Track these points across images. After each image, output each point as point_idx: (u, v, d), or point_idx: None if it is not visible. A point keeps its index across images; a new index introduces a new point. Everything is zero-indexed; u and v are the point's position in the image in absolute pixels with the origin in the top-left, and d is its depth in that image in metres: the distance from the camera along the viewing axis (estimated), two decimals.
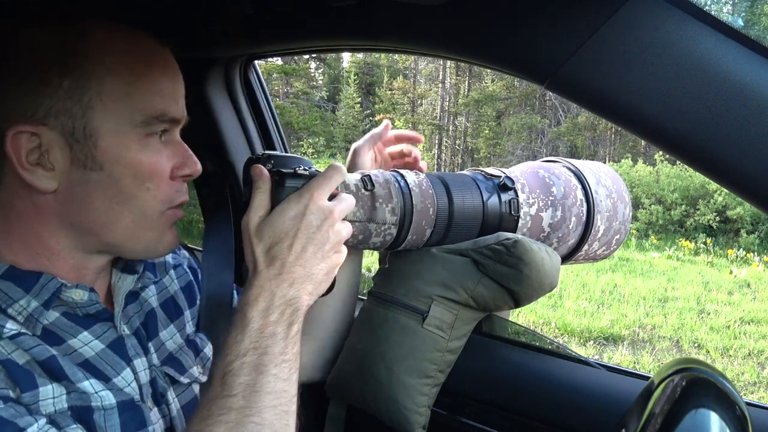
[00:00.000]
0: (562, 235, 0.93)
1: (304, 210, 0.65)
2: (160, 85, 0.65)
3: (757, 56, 0.54)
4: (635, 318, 4.78)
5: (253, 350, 0.59)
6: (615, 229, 0.96)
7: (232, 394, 0.57)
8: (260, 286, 0.62)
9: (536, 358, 1.09)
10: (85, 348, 0.64)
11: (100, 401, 0.61)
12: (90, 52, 0.61)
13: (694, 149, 0.58)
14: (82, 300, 0.65)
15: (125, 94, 0.62)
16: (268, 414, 0.57)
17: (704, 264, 7.06)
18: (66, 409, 0.58)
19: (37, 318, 0.61)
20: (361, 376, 0.97)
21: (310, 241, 0.64)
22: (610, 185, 0.96)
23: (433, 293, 0.93)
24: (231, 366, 0.58)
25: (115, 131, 0.62)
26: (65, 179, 0.61)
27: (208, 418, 0.56)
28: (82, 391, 0.60)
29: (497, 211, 0.89)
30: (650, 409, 0.53)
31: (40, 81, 0.59)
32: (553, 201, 0.91)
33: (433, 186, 0.87)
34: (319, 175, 0.68)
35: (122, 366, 0.66)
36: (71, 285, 0.64)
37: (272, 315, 0.61)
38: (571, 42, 0.59)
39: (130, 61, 0.63)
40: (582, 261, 1.02)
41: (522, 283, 0.90)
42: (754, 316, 4.86)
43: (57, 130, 0.60)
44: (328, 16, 0.81)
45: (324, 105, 21.35)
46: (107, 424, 0.61)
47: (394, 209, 0.83)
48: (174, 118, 0.67)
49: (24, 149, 0.59)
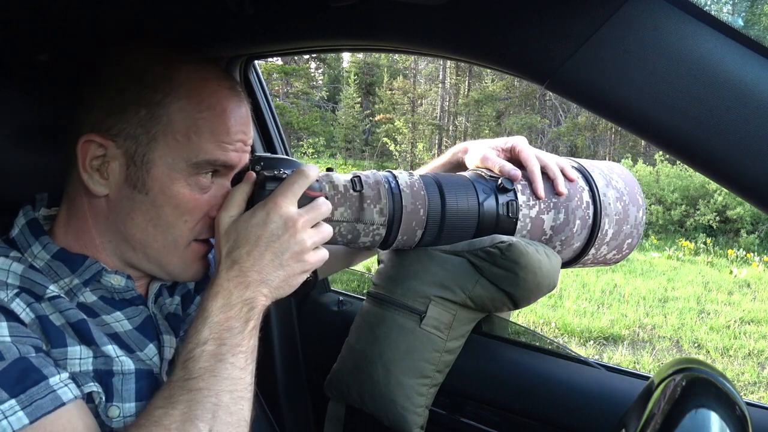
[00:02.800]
0: (565, 238, 0.91)
1: (266, 218, 0.67)
2: (223, 134, 0.70)
3: (757, 56, 0.54)
4: (635, 318, 4.78)
5: (212, 340, 0.63)
6: (626, 232, 0.94)
7: (192, 377, 0.61)
8: (219, 284, 0.65)
9: (536, 358, 1.09)
10: (116, 324, 0.71)
11: (120, 366, 0.67)
12: (172, 92, 0.68)
13: (694, 149, 0.58)
14: (120, 285, 0.73)
15: (189, 136, 0.68)
16: (225, 397, 0.61)
17: (704, 264, 7.06)
18: (90, 371, 0.65)
19: (76, 293, 0.69)
20: (359, 376, 0.97)
21: (268, 249, 0.67)
22: (621, 187, 0.93)
23: (430, 293, 0.93)
24: (192, 353, 0.62)
25: (170, 165, 0.68)
26: (116, 191, 0.69)
27: (170, 397, 0.60)
28: (106, 355, 0.67)
29: (494, 212, 0.88)
30: (650, 409, 0.53)
31: (122, 104, 0.67)
32: (556, 203, 0.89)
33: (425, 187, 0.86)
34: (284, 180, 0.70)
35: (146, 343, 0.73)
36: (111, 270, 0.72)
37: (230, 311, 0.64)
38: (571, 42, 0.59)
39: (204, 108, 0.69)
40: (591, 265, 0.99)
41: (518, 286, 0.89)
42: (754, 316, 4.86)
43: (122, 149, 0.68)
44: (328, 16, 0.81)
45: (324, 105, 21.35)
46: (123, 387, 0.67)
47: (382, 210, 0.83)
48: (227, 164, 0.72)
49: (90, 155, 0.68)
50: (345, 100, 20.45)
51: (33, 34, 0.94)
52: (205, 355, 0.62)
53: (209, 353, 0.62)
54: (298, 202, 0.69)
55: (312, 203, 0.70)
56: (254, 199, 0.70)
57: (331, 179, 0.83)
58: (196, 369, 0.61)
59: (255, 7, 0.78)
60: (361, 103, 21.02)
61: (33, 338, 0.61)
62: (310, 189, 0.70)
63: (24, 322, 0.62)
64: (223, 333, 0.63)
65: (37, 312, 0.64)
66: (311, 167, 0.71)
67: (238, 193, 0.71)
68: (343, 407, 1.11)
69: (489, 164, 0.92)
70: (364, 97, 22.01)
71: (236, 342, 0.63)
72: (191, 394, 0.60)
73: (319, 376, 1.10)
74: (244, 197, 0.71)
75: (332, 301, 1.38)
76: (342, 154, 20.02)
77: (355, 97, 20.54)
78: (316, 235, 0.70)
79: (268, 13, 0.86)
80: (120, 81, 0.68)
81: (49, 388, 0.58)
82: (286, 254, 0.67)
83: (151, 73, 0.68)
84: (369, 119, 20.46)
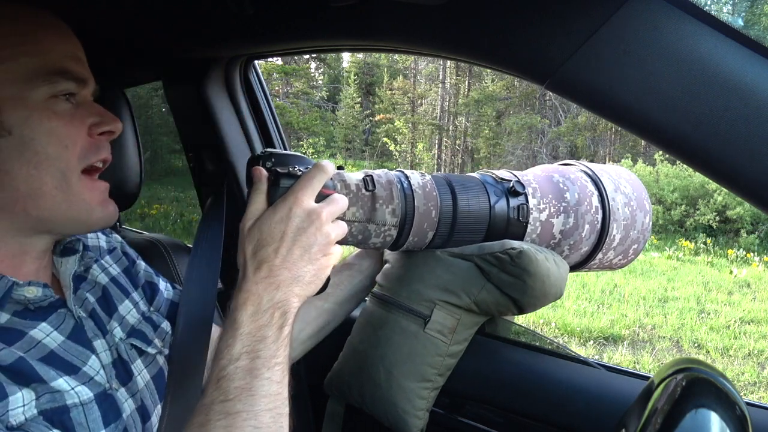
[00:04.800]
0: (574, 242, 0.90)
1: (288, 213, 0.65)
2: (53, 44, 0.64)
3: (757, 56, 0.54)
4: (635, 318, 4.77)
5: (246, 354, 0.59)
6: (632, 238, 0.93)
7: (228, 398, 0.56)
8: (248, 290, 0.62)
9: (536, 358, 1.09)
10: (47, 339, 0.62)
11: (78, 397, 0.60)
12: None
13: (694, 149, 0.58)
14: (36, 296, 0.63)
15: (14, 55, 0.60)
16: (265, 417, 0.57)
17: (704, 264, 7.05)
18: (37, 415, 0.56)
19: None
20: (361, 376, 0.97)
21: (296, 244, 0.64)
22: (629, 192, 0.93)
23: (435, 297, 0.92)
24: (225, 370, 0.58)
25: (17, 96, 0.60)
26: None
27: (206, 423, 0.55)
28: (55, 391, 0.58)
29: (505, 215, 0.87)
30: (650, 409, 0.53)
31: None
32: (565, 207, 0.89)
33: (437, 188, 0.85)
34: (303, 175, 0.68)
35: (87, 354, 0.65)
36: (23, 283, 0.62)
37: (261, 318, 0.61)
38: (571, 42, 0.59)
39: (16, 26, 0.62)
40: (596, 269, 0.99)
41: (526, 293, 0.88)
42: (754, 316, 4.85)
43: None
44: (328, 16, 0.81)
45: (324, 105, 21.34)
46: (89, 418, 0.60)
47: (394, 210, 0.82)
48: (77, 76, 0.65)
49: None
50: (345, 100, 20.44)
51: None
52: (239, 372, 0.58)
53: (243, 369, 0.58)
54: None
55: (331, 197, 0.69)
56: (270, 196, 0.68)
57: (342, 178, 0.82)
58: (231, 389, 0.57)
59: (255, 7, 0.78)
60: (361, 103, 21.00)
61: None
62: (324, 187, 0.69)
63: None
64: (256, 345, 0.59)
65: None
66: (328, 163, 0.69)
67: (257, 195, 0.68)
68: (343, 406, 1.11)
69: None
70: (364, 97, 21.99)
71: (271, 353, 0.59)
72: (228, 419, 0.55)
73: (319, 375, 1.10)
74: (264, 197, 0.68)
75: None
76: (342, 154, 20.00)
77: (355, 97, 20.52)
78: (336, 228, 0.68)
79: (268, 13, 0.86)
80: None
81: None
82: (314, 248, 0.65)
83: None
84: (369, 119, 20.44)
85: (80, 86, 0.66)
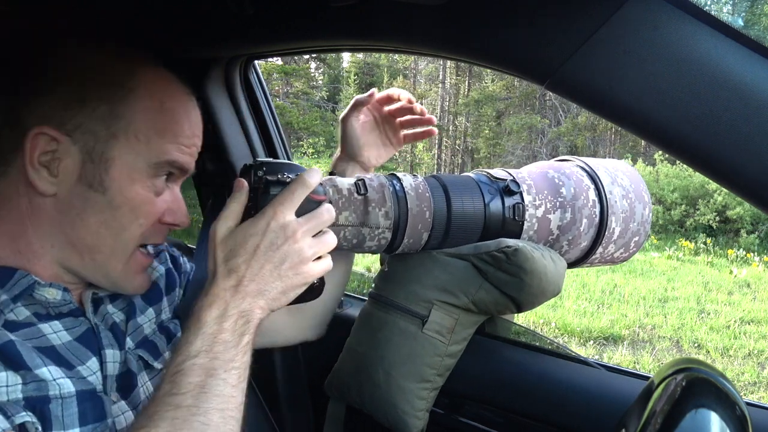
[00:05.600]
0: (572, 237, 0.90)
1: (265, 227, 0.65)
2: (184, 137, 0.70)
3: (757, 56, 0.54)
4: (635, 318, 4.78)
5: (205, 353, 0.59)
6: (633, 230, 0.93)
7: (180, 392, 0.57)
8: (215, 294, 0.63)
9: (536, 358, 1.09)
10: (53, 335, 0.65)
11: (59, 389, 0.61)
12: (135, 90, 0.66)
13: (694, 149, 0.58)
14: (55, 299, 0.67)
15: (150, 136, 0.67)
16: (215, 416, 0.57)
17: (704, 264, 7.06)
18: (20, 399, 0.58)
19: (2, 310, 0.62)
20: (360, 378, 0.97)
21: (268, 260, 0.64)
22: (627, 185, 0.92)
23: (433, 297, 0.92)
24: (182, 366, 0.58)
25: (130, 165, 0.66)
26: (66, 190, 0.65)
27: (154, 414, 0.56)
28: (39, 380, 0.60)
29: (500, 214, 0.87)
30: (650, 409, 0.53)
31: (79, 99, 0.64)
32: (562, 202, 0.88)
33: (430, 189, 0.85)
34: (284, 189, 0.67)
35: (88, 356, 0.67)
36: (45, 283, 0.66)
37: (225, 323, 0.62)
38: (571, 42, 0.59)
39: (164, 108, 0.68)
40: (598, 264, 0.98)
41: (523, 291, 0.88)
42: (754, 316, 4.86)
43: (78, 145, 0.64)
44: (328, 16, 0.81)
45: (324, 105, 21.34)
46: (65, 413, 0.61)
47: (387, 213, 0.82)
48: (184, 168, 0.71)
49: (39, 149, 0.63)
50: (345, 100, 20.42)
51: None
52: (195, 369, 0.58)
53: (200, 367, 0.58)
54: (301, 207, 0.67)
55: (313, 212, 0.68)
56: (259, 204, 0.68)
57: (334, 183, 0.82)
58: (184, 384, 0.57)
59: (255, 7, 0.78)
60: None
61: None
62: (314, 193, 0.69)
63: None
64: (216, 346, 0.60)
65: None
66: (313, 173, 0.68)
67: (233, 203, 0.68)
68: (344, 407, 1.11)
69: None
70: None
71: (230, 357, 0.60)
72: (178, 411, 0.56)
73: (319, 376, 1.10)
74: (240, 207, 0.68)
75: None
76: None
77: None
78: (317, 245, 0.67)
79: (268, 13, 0.86)
80: (79, 75, 0.65)
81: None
82: (285, 264, 0.65)
83: (112, 70, 0.66)
84: None
85: (182, 174, 0.73)
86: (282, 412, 1.33)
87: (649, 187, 1.01)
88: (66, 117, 0.64)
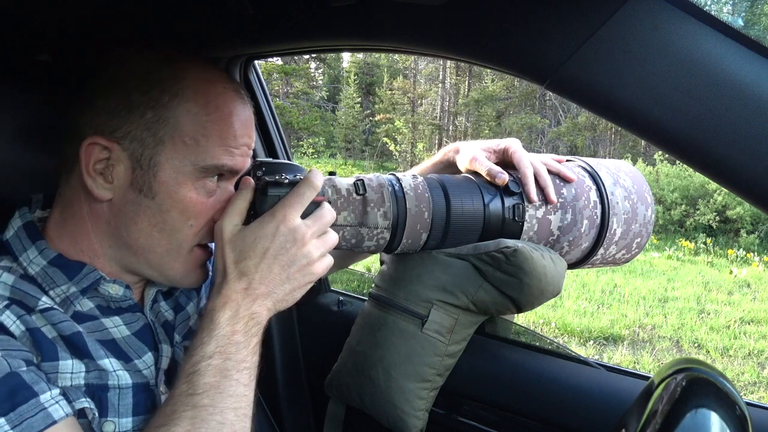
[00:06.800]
0: (573, 238, 0.90)
1: (275, 231, 0.67)
2: (231, 138, 0.70)
3: (757, 56, 0.54)
4: (635, 318, 4.77)
5: (219, 354, 0.62)
6: (635, 231, 0.93)
7: (197, 392, 0.59)
8: (227, 295, 0.65)
9: (536, 358, 1.09)
10: (114, 329, 0.70)
11: (117, 380, 0.66)
12: (180, 94, 0.67)
13: (694, 149, 0.58)
14: (118, 294, 0.71)
15: (198, 139, 0.67)
16: (230, 415, 0.60)
17: (704, 264, 7.06)
18: (82, 385, 0.63)
19: (72, 301, 0.67)
20: (360, 378, 0.97)
21: (277, 262, 0.66)
22: (629, 186, 0.92)
23: (433, 297, 0.92)
24: (197, 366, 0.61)
25: (177, 169, 0.67)
26: (120, 195, 0.68)
27: (173, 413, 0.58)
28: (101, 369, 0.65)
29: (500, 215, 0.87)
30: (650, 409, 0.53)
31: (128, 106, 0.66)
32: (563, 203, 0.88)
33: (430, 189, 0.85)
34: (292, 192, 0.69)
35: (144, 350, 0.71)
36: (110, 279, 0.70)
37: (237, 324, 0.64)
38: (571, 42, 0.59)
39: (211, 111, 0.68)
40: (600, 265, 0.98)
41: (523, 291, 0.88)
42: (754, 316, 4.85)
43: (128, 152, 0.67)
44: (328, 16, 0.81)
45: (324, 105, 21.35)
46: (120, 402, 0.66)
47: (386, 213, 0.82)
48: (233, 170, 0.71)
49: (94, 158, 0.66)
50: (345, 100, 20.44)
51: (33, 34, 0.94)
52: (210, 370, 0.61)
53: (215, 368, 0.61)
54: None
55: (316, 213, 0.70)
56: (256, 204, 0.69)
57: (333, 183, 0.82)
58: (201, 384, 0.60)
59: (255, 7, 0.78)
60: (361, 103, 21.01)
61: (23, 351, 0.60)
62: None
63: (14, 335, 0.60)
64: (228, 347, 0.62)
65: (28, 324, 0.62)
66: (317, 176, 0.70)
67: (239, 200, 0.69)
68: (343, 407, 1.11)
69: (477, 166, 0.91)
70: (364, 97, 22.00)
71: (241, 357, 0.63)
72: (195, 410, 0.58)
73: (319, 376, 1.10)
74: (246, 204, 0.69)
75: (332, 301, 1.38)
76: (342, 154, 20.01)
77: (355, 97, 20.52)
78: (322, 246, 0.70)
79: (268, 13, 0.86)
80: (125, 82, 0.67)
81: (39, 406, 0.56)
82: (294, 267, 0.67)
83: (157, 75, 0.67)
84: (369, 119, 20.45)
85: (233, 175, 0.73)
86: (282, 412, 1.33)
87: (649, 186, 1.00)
88: (115, 125, 0.66)
